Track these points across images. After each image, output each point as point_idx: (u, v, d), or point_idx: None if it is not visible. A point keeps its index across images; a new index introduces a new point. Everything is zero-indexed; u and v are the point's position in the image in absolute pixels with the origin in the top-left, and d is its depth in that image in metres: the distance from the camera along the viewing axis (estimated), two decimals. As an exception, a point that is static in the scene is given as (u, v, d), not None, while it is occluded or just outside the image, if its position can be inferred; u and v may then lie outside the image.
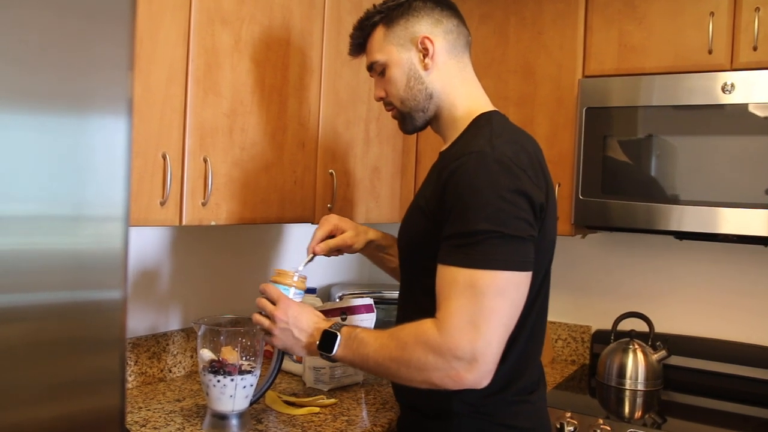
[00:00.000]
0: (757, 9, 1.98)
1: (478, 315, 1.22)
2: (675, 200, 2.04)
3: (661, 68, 2.12)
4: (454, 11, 1.50)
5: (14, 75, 0.79)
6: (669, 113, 2.07)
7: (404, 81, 1.47)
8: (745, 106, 1.96)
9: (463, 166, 1.27)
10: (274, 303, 1.46)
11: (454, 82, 1.47)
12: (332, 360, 1.38)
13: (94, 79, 0.87)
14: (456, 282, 1.24)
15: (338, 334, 1.37)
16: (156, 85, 1.48)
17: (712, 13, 2.04)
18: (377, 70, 1.52)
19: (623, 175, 2.13)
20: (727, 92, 1.98)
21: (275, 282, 1.53)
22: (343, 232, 1.68)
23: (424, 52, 1.45)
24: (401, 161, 2.42)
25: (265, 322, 1.46)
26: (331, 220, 1.68)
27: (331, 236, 1.67)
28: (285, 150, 1.84)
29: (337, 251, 1.69)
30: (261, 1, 1.73)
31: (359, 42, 1.56)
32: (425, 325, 1.27)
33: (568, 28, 2.24)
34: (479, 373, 1.23)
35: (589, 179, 2.16)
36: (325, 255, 1.68)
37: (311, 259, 1.65)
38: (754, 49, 1.99)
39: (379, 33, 1.50)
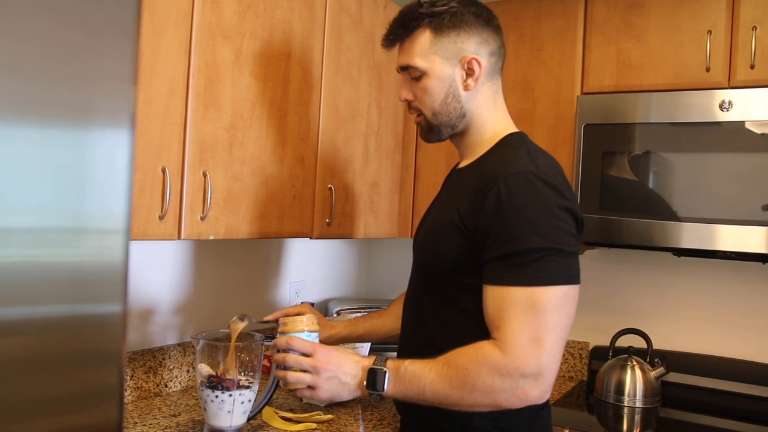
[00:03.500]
0: (755, 27, 2.00)
1: (541, 331, 1.24)
2: (673, 217, 2.04)
3: (659, 85, 2.13)
4: (499, 31, 1.47)
5: (17, 87, 0.79)
6: (667, 130, 2.08)
7: (442, 96, 1.44)
8: (742, 123, 1.97)
9: (512, 186, 1.28)
10: (305, 355, 1.38)
11: (487, 104, 1.46)
12: (382, 398, 1.33)
13: (98, 92, 0.87)
14: (515, 301, 1.25)
15: (385, 369, 1.32)
16: (157, 99, 1.48)
17: (709, 32, 2.05)
18: (412, 75, 1.46)
19: (621, 191, 2.14)
20: (725, 110, 1.99)
21: (291, 332, 1.46)
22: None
23: (469, 73, 1.42)
24: (400, 176, 2.42)
25: (307, 377, 1.35)
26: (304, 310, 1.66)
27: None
28: (284, 165, 1.85)
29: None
30: (262, 17, 1.74)
31: (399, 39, 1.48)
32: (485, 347, 1.26)
33: (566, 45, 2.26)
34: (543, 388, 1.26)
35: (587, 195, 2.16)
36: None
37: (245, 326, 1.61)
38: (752, 67, 2.00)
39: (424, 37, 1.43)
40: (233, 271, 2.24)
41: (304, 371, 1.36)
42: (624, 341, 2.32)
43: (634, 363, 2.22)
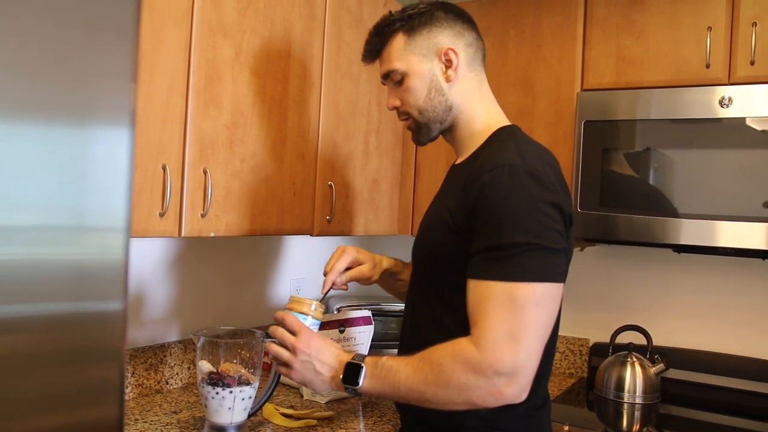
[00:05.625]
0: (755, 24, 2.00)
1: (518, 328, 1.20)
2: (673, 213, 2.04)
3: (659, 82, 2.13)
4: (473, 24, 1.49)
5: (18, 85, 0.79)
6: (667, 127, 2.08)
7: (425, 92, 1.45)
8: (742, 120, 1.97)
9: (496, 179, 1.26)
10: (293, 333, 1.41)
11: (473, 95, 1.47)
12: (357, 393, 1.34)
13: (98, 90, 0.87)
14: (493, 296, 1.22)
15: (362, 365, 1.32)
16: (157, 97, 1.49)
17: (709, 28, 2.05)
18: (394, 79, 1.49)
19: (622, 188, 2.14)
20: (725, 106, 1.99)
21: (292, 310, 1.48)
22: (359, 263, 1.63)
23: (448, 64, 1.44)
24: (400, 174, 2.43)
25: (285, 353, 1.39)
26: (351, 253, 1.62)
27: (348, 268, 1.63)
28: (284, 162, 1.85)
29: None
30: (262, 14, 1.74)
31: (377, 48, 1.52)
32: (461, 344, 1.24)
33: (567, 42, 2.26)
34: (519, 387, 1.22)
35: (587, 192, 2.16)
36: (341, 288, 1.64)
37: (328, 291, 1.61)
38: (752, 63, 2.00)
39: (399, 41, 1.46)
40: (234, 268, 2.24)
41: (286, 348, 1.40)
42: (624, 338, 2.33)
43: (634, 359, 2.23)
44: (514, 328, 1.20)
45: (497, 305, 1.22)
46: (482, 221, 1.27)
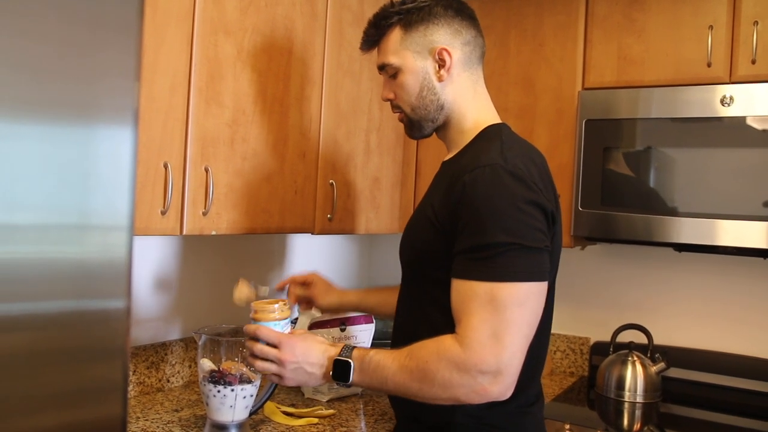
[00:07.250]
0: (756, 22, 2.00)
1: (501, 328, 1.22)
2: (674, 212, 2.04)
3: (660, 81, 2.13)
4: (473, 21, 1.48)
5: (21, 84, 0.79)
6: (668, 125, 2.08)
7: (417, 89, 1.45)
8: (743, 118, 1.97)
9: (477, 179, 1.27)
10: (274, 346, 1.39)
11: (466, 94, 1.46)
12: (348, 386, 1.35)
13: (101, 89, 0.87)
14: (476, 296, 1.24)
15: (350, 361, 1.33)
16: (159, 95, 1.49)
17: (710, 27, 2.05)
18: (389, 72, 1.49)
19: (623, 187, 2.14)
20: (726, 105, 1.99)
21: (260, 320, 1.44)
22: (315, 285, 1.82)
23: (441, 63, 1.43)
24: (401, 172, 2.43)
25: (273, 368, 1.38)
26: (310, 276, 1.84)
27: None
28: (286, 160, 1.85)
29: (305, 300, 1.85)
30: (263, 12, 1.74)
31: (373, 39, 1.52)
32: (446, 341, 1.26)
33: (568, 41, 2.26)
34: (504, 386, 1.24)
35: (588, 191, 2.16)
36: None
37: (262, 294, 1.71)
38: (753, 62, 2.00)
39: (395, 35, 1.46)
40: (235, 266, 2.24)
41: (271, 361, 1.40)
42: (625, 336, 2.33)
43: (635, 358, 2.23)
44: (497, 328, 1.22)
45: (480, 305, 1.23)
46: (464, 221, 1.27)
